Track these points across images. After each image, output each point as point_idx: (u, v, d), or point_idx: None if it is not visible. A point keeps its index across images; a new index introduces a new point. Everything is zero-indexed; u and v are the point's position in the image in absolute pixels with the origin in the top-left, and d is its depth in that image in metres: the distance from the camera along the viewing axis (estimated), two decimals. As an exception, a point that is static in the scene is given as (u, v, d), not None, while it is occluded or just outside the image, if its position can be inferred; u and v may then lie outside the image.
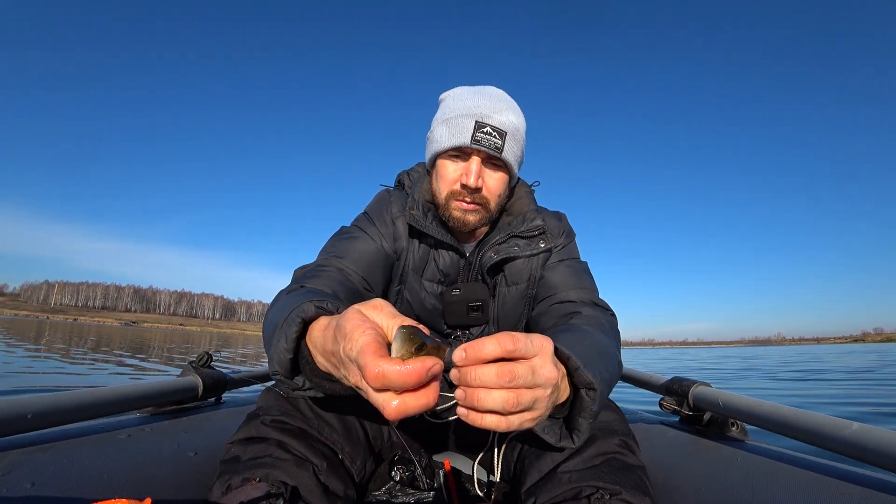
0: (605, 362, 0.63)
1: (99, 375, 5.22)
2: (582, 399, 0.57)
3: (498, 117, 0.85)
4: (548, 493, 0.64)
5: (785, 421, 0.72)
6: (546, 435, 0.59)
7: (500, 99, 0.89)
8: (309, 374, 0.58)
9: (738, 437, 0.89)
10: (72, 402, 0.69)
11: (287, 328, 0.55)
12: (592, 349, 0.62)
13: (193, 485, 0.72)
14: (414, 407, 0.41)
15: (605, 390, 0.60)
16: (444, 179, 0.89)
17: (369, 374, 0.40)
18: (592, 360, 0.58)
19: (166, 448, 0.77)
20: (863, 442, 0.60)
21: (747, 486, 0.68)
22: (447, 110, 0.89)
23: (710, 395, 0.90)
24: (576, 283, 0.92)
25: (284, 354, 0.56)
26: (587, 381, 0.55)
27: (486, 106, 0.85)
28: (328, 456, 0.68)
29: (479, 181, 0.86)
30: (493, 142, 0.84)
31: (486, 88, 0.91)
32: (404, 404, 0.41)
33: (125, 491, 0.62)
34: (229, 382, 1.10)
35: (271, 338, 0.60)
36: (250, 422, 0.69)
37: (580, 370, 0.55)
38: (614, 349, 0.74)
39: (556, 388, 0.49)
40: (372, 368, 0.40)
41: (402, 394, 0.41)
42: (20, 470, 0.57)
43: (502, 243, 0.94)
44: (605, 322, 0.81)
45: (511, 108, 0.88)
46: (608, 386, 0.63)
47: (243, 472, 0.60)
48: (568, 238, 1.01)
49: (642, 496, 0.61)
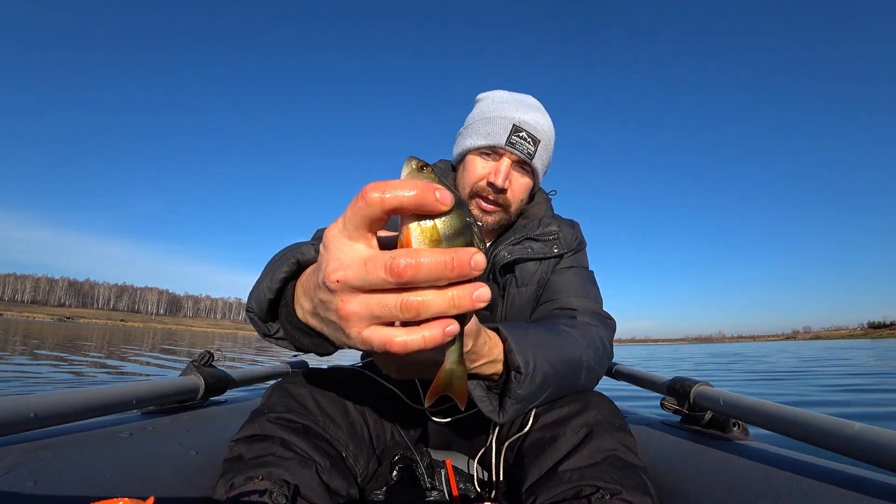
0: (556, 362, 0.66)
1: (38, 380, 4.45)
2: (510, 381, 0.62)
3: (535, 125, 0.88)
4: (548, 492, 0.64)
5: (786, 421, 0.72)
6: (481, 403, 0.63)
7: (537, 108, 0.92)
8: (284, 321, 0.54)
9: (740, 436, 0.88)
10: (74, 401, 0.69)
11: (279, 266, 0.52)
12: (543, 345, 0.65)
13: (195, 483, 0.72)
14: (433, 338, 0.31)
15: (541, 383, 0.64)
16: (472, 174, 0.91)
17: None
18: (535, 352, 0.63)
19: (168, 447, 0.77)
20: (865, 442, 0.59)
21: (749, 486, 0.68)
22: (486, 109, 0.91)
23: (712, 395, 0.90)
24: (580, 291, 0.92)
25: (265, 294, 0.53)
26: (515, 365, 0.60)
27: (524, 112, 0.88)
28: (332, 454, 0.68)
29: (506, 182, 0.88)
30: (527, 147, 0.87)
31: (526, 97, 0.95)
32: (420, 336, 0.31)
33: (127, 489, 0.62)
34: (231, 381, 1.10)
35: (263, 276, 0.57)
36: (255, 419, 0.69)
37: (512, 353, 0.60)
38: (585, 359, 0.73)
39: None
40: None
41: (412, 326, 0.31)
42: (22, 468, 0.57)
43: (517, 244, 0.95)
44: (595, 335, 0.80)
45: (546, 119, 0.92)
46: (548, 382, 0.65)
47: (246, 470, 0.60)
48: (580, 246, 1.01)
49: (643, 496, 0.61)
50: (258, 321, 0.58)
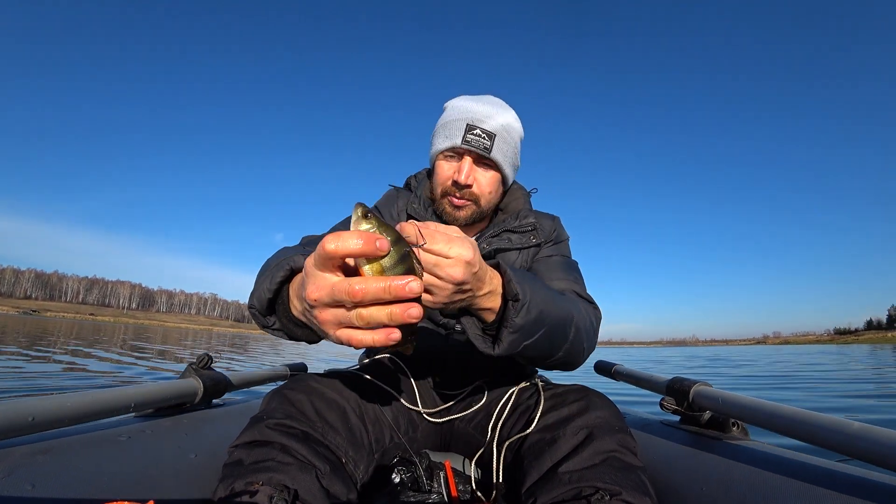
0: (549, 305, 0.68)
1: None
2: (507, 311, 0.63)
3: (489, 121, 0.94)
4: (548, 494, 0.64)
5: (786, 420, 0.72)
6: (476, 340, 0.67)
7: (493, 105, 0.97)
8: (281, 315, 0.66)
9: (739, 436, 0.88)
10: (73, 405, 0.69)
11: (275, 271, 0.63)
12: (538, 289, 0.68)
13: (194, 487, 0.72)
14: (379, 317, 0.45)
15: (537, 318, 0.65)
16: (440, 176, 0.98)
17: (320, 253, 0.44)
18: (531, 287, 0.65)
19: (167, 450, 0.77)
20: (865, 441, 0.59)
21: (748, 486, 0.68)
22: (445, 115, 0.99)
23: (711, 395, 0.90)
24: (563, 276, 0.95)
25: (265, 294, 0.64)
26: (513, 293, 0.62)
27: (478, 111, 0.94)
28: (331, 460, 0.68)
29: (469, 178, 0.94)
30: (482, 142, 0.93)
31: (483, 97, 1.00)
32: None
33: (125, 493, 0.62)
34: (229, 384, 1.10)
35: (261, 278, 0.69)
36: (254, 425, 0.69)
37: (511, 283, 0.63)
38: (574, 316, 0.75)
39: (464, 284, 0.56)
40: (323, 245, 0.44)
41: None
42: (21, 472, 0.57)
43: (495, 237, 1.01)
44: (583, 307, 0.82)
45: (502, 114, 0.96)
46: (543, 320, 0.67)
47: (246, 475, 0.60)
48: (559, 238, 1.08)
49: (642, 496, 0.61)
50: (259, 316, 0.68)
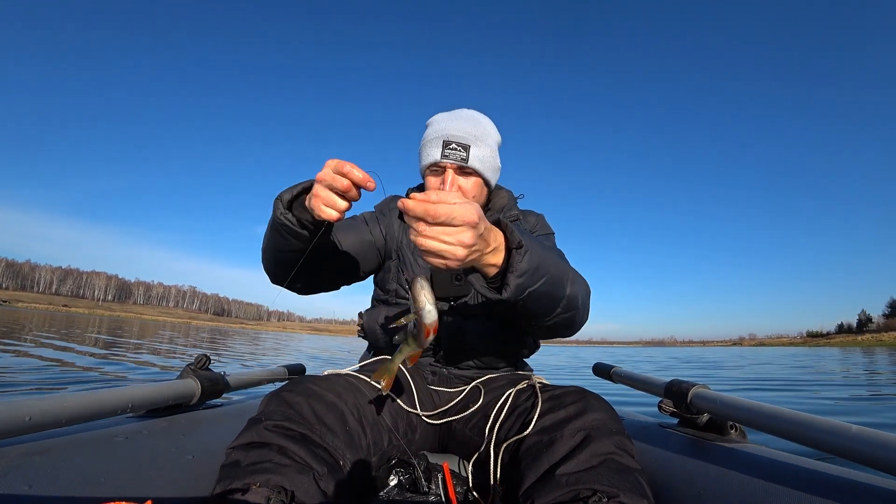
0: (547, 256, 0.74)
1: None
2: (513, 257, 0.69)
3: (462, 134, 1.04)
4: (545, 496, 0.64)
5: (784, 423, 0.72)
6: (482, 290, 0.74)
7: (466, 118, 1.07)
8: (297, 211, 0.80)
9: (737, 439, 0.88)
10: (70, 405, 0.69)
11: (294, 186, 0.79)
12: (536, 244, 0.73)
13: (191, 488, 0.72)
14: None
15: (539, 265, 0.72)
16: (429, 188, 1.07)
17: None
18: (530, 240, 0.71)
19: (163, 450, 0.77)
20: (863, 445, 0.59)
21: (746, 489, 0.68)
22: (426, 133, 1.10)
23: (709, 397, 0.90)
24: None
25: (286, 195, 0.79)
26: (516, 241, 0.68)
27: (452, 126, 1.05)
28: (329, 462, 0.68)
29: (452, 188, 1.03)
30: (459, 154, 1.03)
31: (458, 111, 1.10)
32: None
33: (123, 493, 0.62)
34: (227, 385, 1.10)
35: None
36: (252, 427, 0.69)
37: (513, 234, 0.68)
38: (570, 273, 0.82)
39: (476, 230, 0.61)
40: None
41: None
42: (17, 472, 0.57)
43: None
44: (576, 272, 0.87)
45: (475, 125, 1.06)
46: (544, 267, 0.73)
47: (244, 476, 0.60)
48: (544, 231, 1.19)
49: (640, 499, 0.61)
50: (281, 214, 0.79)
